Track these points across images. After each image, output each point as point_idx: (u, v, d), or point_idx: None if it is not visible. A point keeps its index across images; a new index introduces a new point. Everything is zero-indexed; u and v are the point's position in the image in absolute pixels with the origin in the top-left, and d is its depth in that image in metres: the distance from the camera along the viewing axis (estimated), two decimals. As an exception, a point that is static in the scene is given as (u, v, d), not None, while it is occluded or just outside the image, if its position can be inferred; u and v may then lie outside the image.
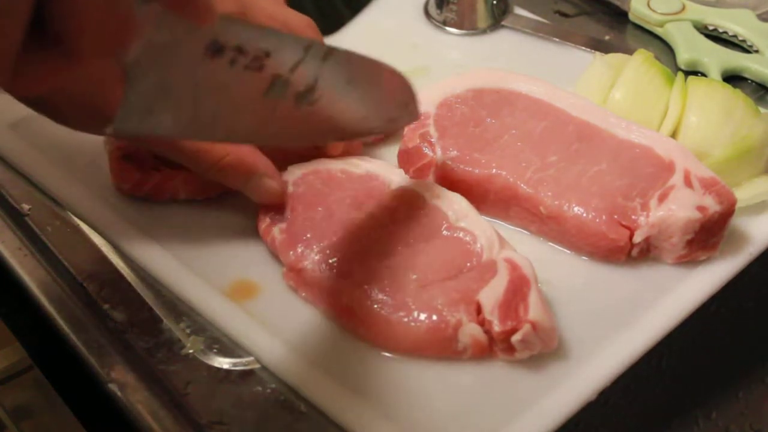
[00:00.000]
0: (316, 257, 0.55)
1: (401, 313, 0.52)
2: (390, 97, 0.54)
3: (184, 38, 0.40)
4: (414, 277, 0.53)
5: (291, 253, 0.56)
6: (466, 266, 0.54)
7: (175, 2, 0.38)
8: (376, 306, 0.52)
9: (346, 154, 0.63)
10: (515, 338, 0.50)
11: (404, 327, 0.52)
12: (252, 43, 0.43)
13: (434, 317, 0.51)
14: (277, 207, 0.58)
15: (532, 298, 0.51)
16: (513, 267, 0.53)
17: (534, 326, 0.50)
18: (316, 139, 0.54)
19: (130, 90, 0.40)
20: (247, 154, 0.57)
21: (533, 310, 0.50)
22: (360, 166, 0.60)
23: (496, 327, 0.50)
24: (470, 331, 0.51)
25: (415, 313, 0.52)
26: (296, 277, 0.55)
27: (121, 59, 0.39)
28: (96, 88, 0.44)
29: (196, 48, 0.41)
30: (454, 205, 0.57)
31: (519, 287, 0.52)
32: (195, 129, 0.44)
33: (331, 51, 0.48)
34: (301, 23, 0.61)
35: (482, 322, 0.51)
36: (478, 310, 0.51)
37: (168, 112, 0.42)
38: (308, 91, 0.47)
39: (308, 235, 0.56)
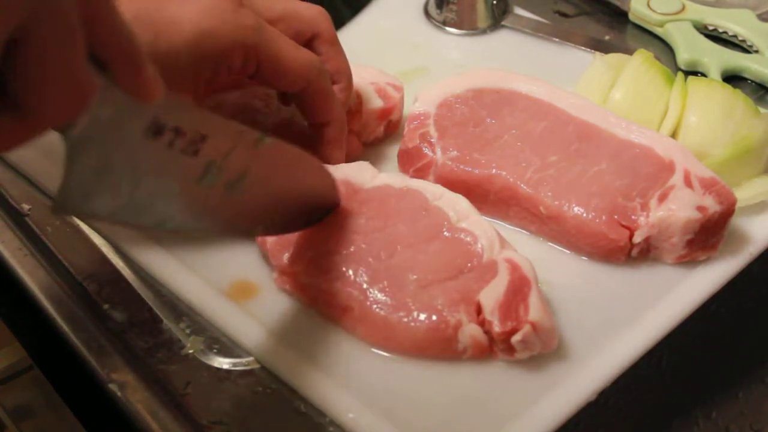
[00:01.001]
0: (312, 260, 0.55)
1: (401, 314, 0.52)
2: (312, 190, 0.55)
3: (127, 115, 0.40)
4: (414, 277, 0.53)
5: (284, 256, 0.55)
6: (466, 266, 0.54)
7: (125, 75, 0.38)
8: (375, 306, 0.52)
9: (347, 154, 0.63)
10: (515, 339, 0.50)
11: (404, 327, 0.52)
12: (190, 125, 0.43)
13: (434, 317, 0.51)
14: None
15: (533, 299, 0.51)
16: (513, 267, 0.53)
17: (534, 327, 0.50)
18: (244, 231, 0.54)
19: (71, 168, 0.39)
20: None
21: (533, 311, 0.50)
22: (360, 170, 0.60)
23: (497, 327, 0.50)
24: (470, 332, 0.51)
25: (415, 314, 0.52)
26: (290, 281, 0.55)
27: (67, 136, 0.38)
28: None
29: (137, 126, 0.41)
30: (455, 206, 0.57)
31: (519, 288, 0.52)
32: (129, 213, 0.43)
33: (261, 139, 0.48)
34: (312, 12, 0.60)
35: (482, 323, 0.51)
36: (479, 310, 0.51)
37: (106, 194, 0.41)
38: (239, 180, 0.47)
39: (302, 240, 0.56)
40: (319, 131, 0.60)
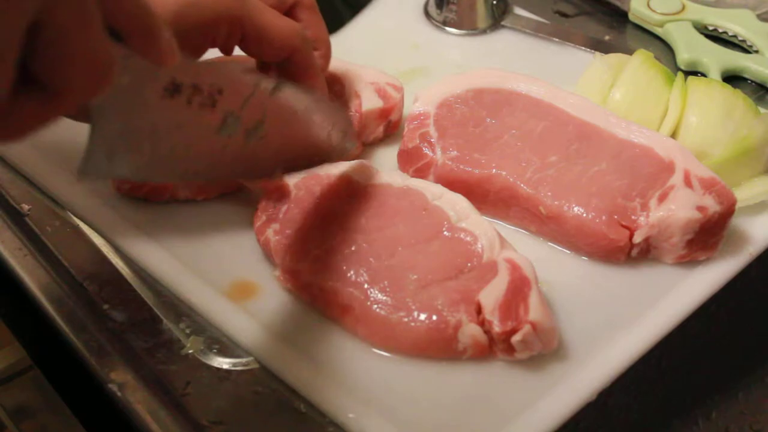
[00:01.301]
0: (313, 259, 0.55)
1: (401, 314, 0.52)
2: (332, 127, 0.56)
3: (146, 80, 0.42)
4: (414, 277, 0.53)
5: (286, 255, 0.56)
6: (466, 266, 0.54)
7: (142, 45, 0.40)
8: (376, 306, 0.52)
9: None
10: (515, 339, 0.50)
11: (404, 327, 0.52)
12: (206, 80, 0.45)
13: (434, 317, 0.51)
14: (274, 207, 0.58)
15: (533, 299, 0.51)
16: (514, 267, 0.53)
17: (534, 327, 0.50)
18: (265, 173, 0.55)
19: (94, 134, 0.41)
20: None
21: (533, 311, 0.50)
22: (360, 170, 0.60)
23: (497, 327, 0.50)
24: (470, 332, 0.51)
25: (415, 313, 0.52)
26: (292, 279, 0.55)
27: (89, 104, 0.40)
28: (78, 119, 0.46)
29: (156, 88, 0.42)
30: (455, 206, 0.57)
31: (519, 288, 0.52)
32: (153, 169, 0.45)
33: (279, 86, 0.50)
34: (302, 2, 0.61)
35: (482, 323, 0.51)
36: (479, 310, 0.51)
37: (128, 154, 0.43)
38: (257, 127, 0.49)
39: (304, 238, 0.56)
40: None
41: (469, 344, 0.51)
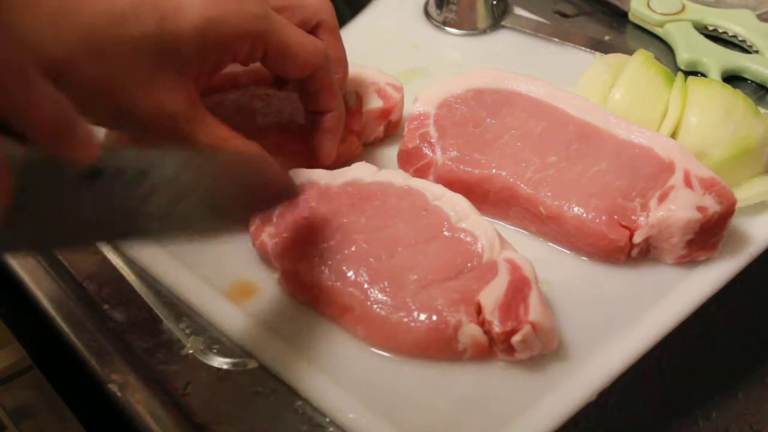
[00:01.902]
0: (313, 260, 0.55)
1: (401, 314, 0.52)
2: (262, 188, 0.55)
3: (59, 169, 0.40)
4: (414, 277, 0.53)
5: (285, 257, 0.55)
6: (466, 267, 0.54)
7: (52, 146, 0.37)
8: (375, 306, 0.52)
9: (347, 154, 0.63)
10: (515, 339, 0.50)
11: (404, 327, 0.52)
12: (130, 164, 0.44)
13: (434, 317, 0.51)
14: (269, 211, 0.58)
15: (533, 299, 0.51)
16: (514, 268, 0.53)
17: (534, 327, 0.50)
18: (200, 232, 0.55)
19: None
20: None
21: (533, 311, 0.50)
22: (361, 170, 0.60)
23: (497, 328, 0.50)
24: (470, 332, 0.51)
25: (415, 314, 0.52)
26: (293, 280, 0.55)
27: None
28: None
29: (71, 176, 0.41)
30: (455, 206, 0.57)
31: (519, 288, 0.52)
32: (79, 239, 0.45)
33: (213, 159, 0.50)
34: (316, 1, 0.60)
35: (482, 323, 0.51)
36: (479, 310, 0.51)
37: (45, 230, 0.42)
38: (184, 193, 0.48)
39: (303, 239, 0.56)
40: (319, 119, 0.60)
41: (469, 344, 0.51)
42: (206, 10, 0.52)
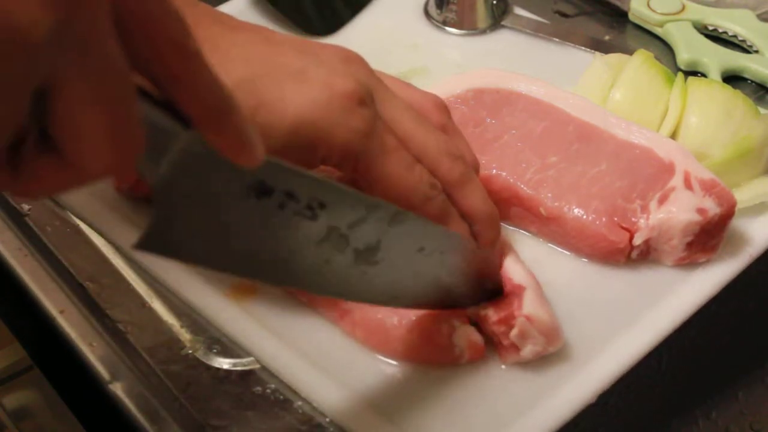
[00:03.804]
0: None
1: (395, 319, 0.52)
2: (465, 272, 0.50)
3: (222, 173, 0.37)
4: None
5: None
6: None
7: (214, 137, 0.34)
8: (372, 310, 0.52)
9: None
10: (513, 334, 0.50)
11: (398, 333, 0.52)
12: (305, 191, 0.40)
13: (426, 323, 0.51)
14: None
15: (528, 295, 0.51)
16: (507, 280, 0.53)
17: (530, 319, 0.50)
18: (376, 301, 0.49)
19: (153, 212, 0.36)
20: None
21: (528, 305, 0.50)
22: None
23: (492, 316, 0.50)
24: (464, 333, 0.51)
25: (409, 319, 0.51)
26: None
27: (148, 171, 0.35)
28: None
29: (236, 185, 0.38)
30: None
31: (513, 290, 0.52)
32: (226, 262, 0.41)
33: (400, 215, 0.44)
34: (427, 103, 0.54)
35: (477, 318, 0.51)
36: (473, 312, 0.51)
37: (193, 240, 0.38)
38: (369, 251, 0.44)
39: None
40: None
41: (465, 347, 0.51)
42: (305, 112, 0.48)
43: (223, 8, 0.74)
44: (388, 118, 0.50)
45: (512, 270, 0.53)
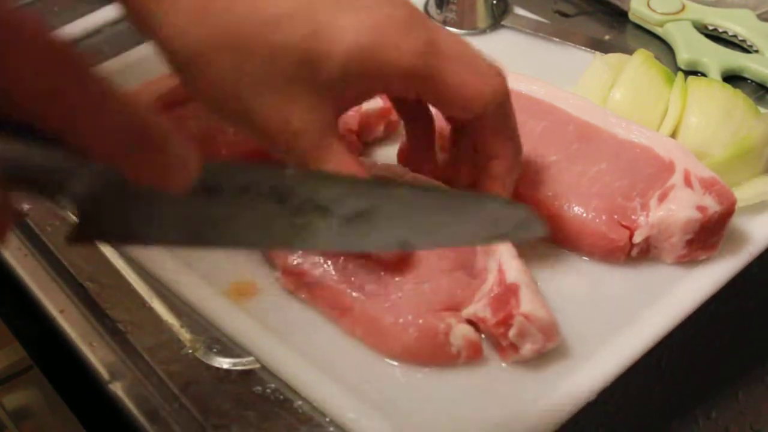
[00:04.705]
0: (314, 260, 0.55)
1: (391, 319, 0.52)
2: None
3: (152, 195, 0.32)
4: (411, 276, 0.53)
5: (288, 257, 0.55)
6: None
7: (136, 173, 0.28)
8: (371, 309, 0.52)
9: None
10: (512, 333, 0.50)
11: (395, 333, 0.51)
12: (267, 182, 0.36)
13: (423, 323, 0.51)
14: None
15: (524, 293, 0.51)
16: (501, 273, 0.52)
17: (528, 318, 0.50)
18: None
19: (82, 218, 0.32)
20: None
21: (525, 303, 0.50)
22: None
23: (490, 318, 0.50)
24: (461, 332, 0.51)
25: (407, 318, 0.51)
26: (295, 280, 0.55)
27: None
28: None
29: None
30: None
31: (510, 287, 0.52)
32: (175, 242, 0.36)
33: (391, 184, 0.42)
34: (490, 71, 0.53)
35: (475, 319, 0.51)
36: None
37: (133, 228, 0.34)
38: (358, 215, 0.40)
39: None
40: (485, 163, 0.54)
41: (462, 346, 0.51)
42: (361, 36, 0.47)
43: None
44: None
45: (507, 266, 0.52)
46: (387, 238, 0.41)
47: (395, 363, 0.52)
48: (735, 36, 0.76)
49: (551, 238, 0.59)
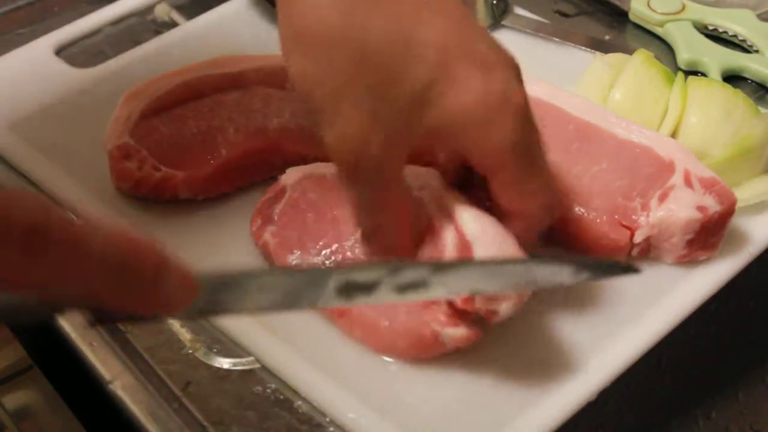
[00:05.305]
0: (315, 260, 0.55)
1: (386, 322, 0.51)
2: None
3: None
4: None
5: (288, 257, 0.55)
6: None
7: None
8: (368, 310, 0.52)
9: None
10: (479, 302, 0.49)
11: (390, 334, 0.51)
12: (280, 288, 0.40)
13: (413, 325, 0.51)
14: (270, 208, 0.58)
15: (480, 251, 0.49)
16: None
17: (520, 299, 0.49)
18: None
19: None
20: None
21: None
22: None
23: (481, 306, 0.49)
24: (451, 335, 0.50)
25: (399, 320, 0.51)
26: None
27: None
28: None
29: None
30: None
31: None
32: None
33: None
34: (505, 62, 0.51)
35: (462, 303, 0.50)
36: (450, 304, 0.50)
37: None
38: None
39: (304, 239, 0.56)
40: (501, 218, 0.51)
41: (456, 341, 0.51)
42: (477, 108, 0.46)
43: (223, 8, 0.74)
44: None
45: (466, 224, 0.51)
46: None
47: (395, 362, 0.52)
48: (735, 36, 0.76)
49: (552, 238, 0.59)
